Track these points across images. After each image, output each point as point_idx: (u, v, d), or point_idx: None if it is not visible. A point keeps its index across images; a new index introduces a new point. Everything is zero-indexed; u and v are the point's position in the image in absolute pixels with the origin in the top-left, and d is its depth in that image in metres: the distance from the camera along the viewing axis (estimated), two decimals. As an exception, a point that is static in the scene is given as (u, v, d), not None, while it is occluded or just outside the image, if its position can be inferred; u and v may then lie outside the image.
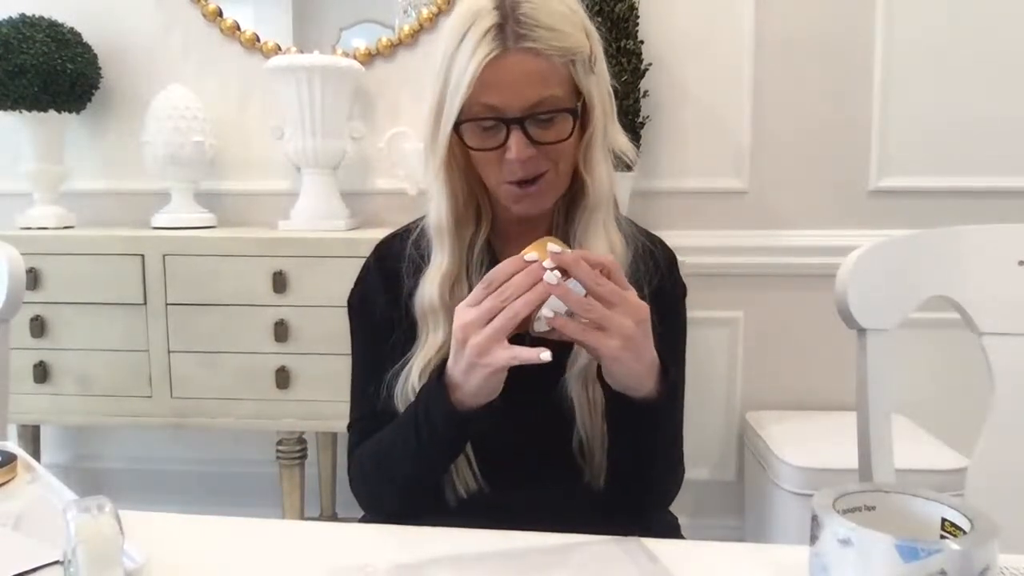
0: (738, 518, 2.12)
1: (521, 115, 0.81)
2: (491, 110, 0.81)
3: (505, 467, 0.88)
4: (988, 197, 1.98)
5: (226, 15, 2.12)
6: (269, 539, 0.77)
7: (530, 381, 0.80)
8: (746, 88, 2.02)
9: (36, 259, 1.80)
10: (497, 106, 0.81)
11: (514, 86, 0.80)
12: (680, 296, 0.99)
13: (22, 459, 0.87)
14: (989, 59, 1.97)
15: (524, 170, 0.83)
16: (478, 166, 0.87)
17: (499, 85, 0.80)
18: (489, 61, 0.79)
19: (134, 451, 2.30)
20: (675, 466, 0.94)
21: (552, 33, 0.80)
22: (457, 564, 0.69)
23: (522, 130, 0.81)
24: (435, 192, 0.88)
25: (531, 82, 0.80)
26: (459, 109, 0.81)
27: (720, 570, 0.71)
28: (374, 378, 0.92)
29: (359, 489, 0.94)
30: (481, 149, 0.84)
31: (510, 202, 0.87)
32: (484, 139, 0.84)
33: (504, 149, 0.82)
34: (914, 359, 1.91)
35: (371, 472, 0.91)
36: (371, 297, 0.95)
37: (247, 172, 2.15)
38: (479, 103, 0.81)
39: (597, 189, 0.88)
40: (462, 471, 0.89)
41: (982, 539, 0.52)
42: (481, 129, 0.83)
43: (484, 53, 0.78)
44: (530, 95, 0.80)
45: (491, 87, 0.80)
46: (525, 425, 0.88)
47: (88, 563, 0.58)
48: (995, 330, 0.97)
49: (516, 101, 0.81)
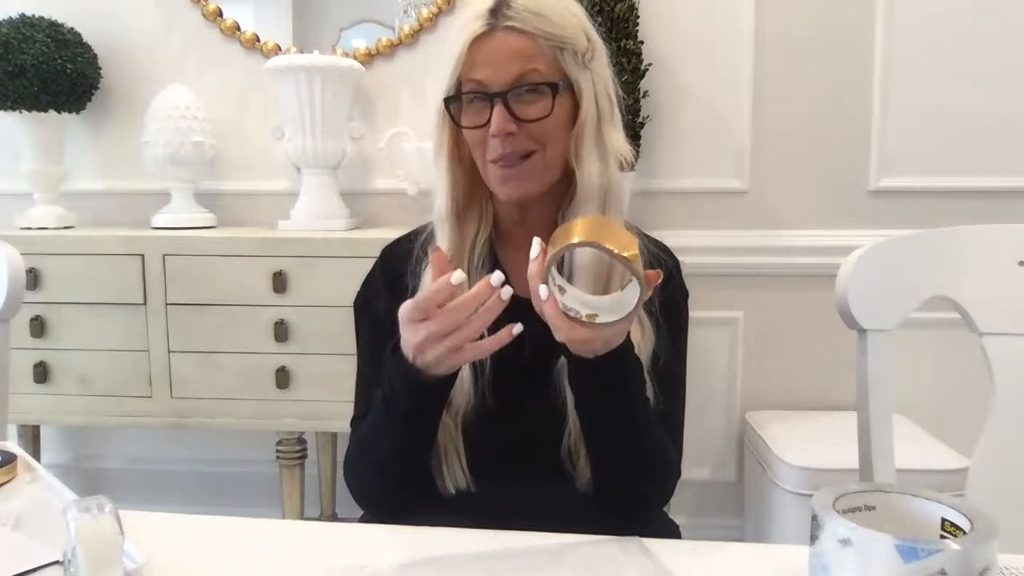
0: (738, 518, 2.12)
1: (504, 89, 0.85)
2: (478, 86, 0.86)
3: (497, 464, 0.88)
4: (988, 197, 1.98)
5: (226, 15, 2.12)
6: (269, 539, 0.77)
7: (524, 380, 0.81)
8: (746, 88, 2.02)
9: (36, 259, 1.80)
10: (483, 81, 0.85)
11: (497, 62, 0.85)
12: (683, 300, 1.00)
13: (22, 459, 0.87)
14: (989, 59, 1.97)
15: (504, 146, 0.86)
16: (472, 151, 0.90)
17: (484, 62, 0.85)
18: (476, 38, 0.85)
19: (134, 451, 2.30)
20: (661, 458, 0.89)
21: (538, 18, 0.85)
22: (457, 564, 0.69)
23: (504, 105, 0.85)
24: (438, 182, 0.92)
25: (514, 57, 0.85)
26: (449, 86, 0.87)
27: (720, 570, 0.71)
28: (374, 375, 0.92)
29: (349, 479, 0.94)
30: (468, 127, 0.88)
31: (496, 184, 0.89)
32: (472, 116, 0.87)
33: (489, 127, 0.85)
34: (914, 359, 1.91)
35: (358, 460, 0.92)
36: (375, 299, 0.96)
37: (247, 172, 2.15)
38: (469, 80, 0.86)
39: (585, 182, 0.88)
40: (453, 468, 0.89)
41: (982, 539, 0.52)
42: (469, 105, 0.87)
43: (472, 31, 0.85)
44: (512, 70, 0.85)
45: (477, 64, 0.85)
46: (518, 423, 0.88)
47: (88, 563, 0.58)
48: (995, 330, 0.98)
49: (499, 76, 0.85)
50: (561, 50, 0.86)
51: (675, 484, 0.93)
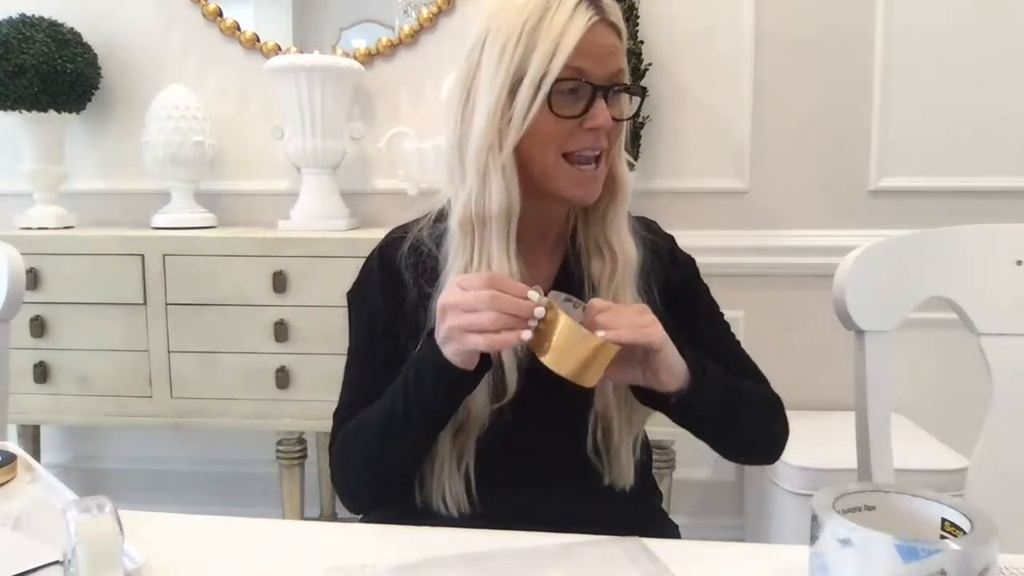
0: (738, 518, 2.12)
1: (607, 83, 0.83)
2: (578, 74, 0.81)
3: (506, 482, 0.87)
4: (987, 197, 1.98)
5: (226, 15, 2.12)
6: (269, 539, 0.77)
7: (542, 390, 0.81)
8: (746, 88, 2.02)
9: (36, 259, 1.80)
10: (586, 71, 0.81)
11: (603, 54, 0.82)
12: (691, 266, 1.00)
13: (22, 459, 0.87)
14: (989, 59, 1.97)
15: (602, 142, 0.84)
16: (539, 143, 0.84)
17: (591, 51, 0.81)
18: (590, 26, 0.80)
19: (134, 451, 2.30)
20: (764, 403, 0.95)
21: (618, 15, 0.85)
22: (457, 564, 0.69)
23: (605, 100, 0.83)
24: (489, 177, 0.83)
25: (615, 53, 0.84)
26: (545, 70, 0.80)
27: (720, 570, 0.71)
28: (365, 371, 0.93)
29: (336, 467, 0.93)
30: (567, 116, 0.82)
31: (571, 184, 0.85)
32: (568, 106, 0.83)
33: (579, 120, 0.83)
34: (914, 359, 1.91)
35: (352, 446, 0.90)
36: (370, 292, 0.94)
37: (247, 172, 2.15)
38: (569, 66, 0.80)
39: (625, 184, 0.89)
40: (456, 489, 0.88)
41: (982, 539, 0.52)
42: (562, 93, 0.82)
43: (586, 18, 0.80)
44: (612, 65, 0.83)
45: (583, 52, 0.80)
46: (537, 433, 0.88)
47: (88, 563, 0.58)
48: (993, 330, 0.97)
49: (603, 69, 0.82)
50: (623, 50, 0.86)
51: (783, 410, 0.97)
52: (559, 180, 0.85)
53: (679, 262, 0.98)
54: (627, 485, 0.91)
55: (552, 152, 0.84)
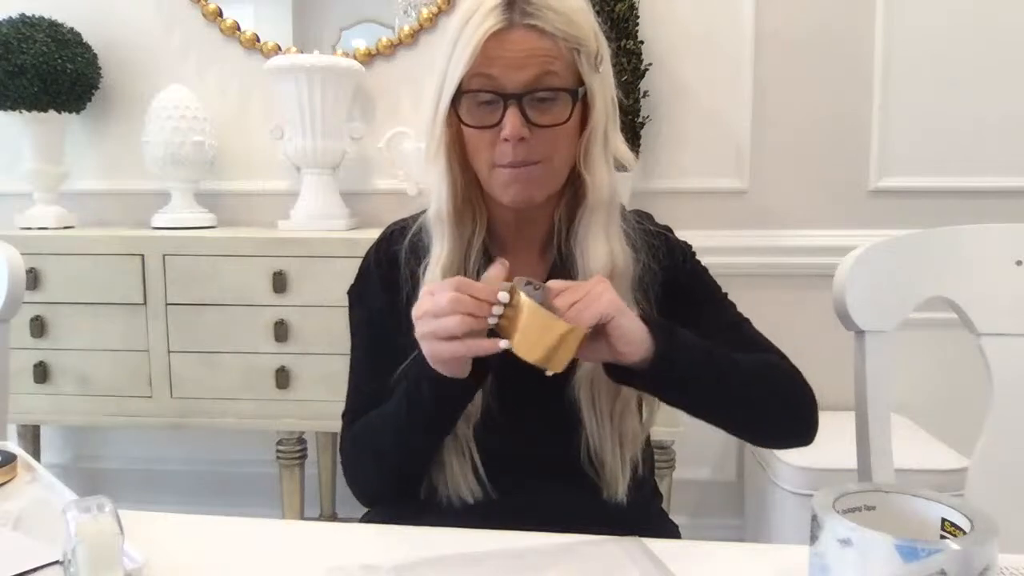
0: (738, 518, 2.12)
1: (520, 91, 0.80)
2: (490, 83, 0.80)
3: (509, 473, 0.88)
4: (987, 197, 1.98)
5: (226, 15, 2.12)
6: (269, 539, 0.77)
7: (533, 388, 0.80)
8: (746, 88, 2.02)
9: (36, 259, 1.80)
10: (497, 78, 0.80)
11: (515, 61, 0.80)
12: (688, 252, 0.99)
13: (22, 459, 0.87)
14: (989, 59, 1.97)
15: (515, 153, 0.81)
16: (471, 151, 0.85)
17: (500, 59, 0.79)
18: (493, 33, 0.79)
19: (134, 451, 2.30)
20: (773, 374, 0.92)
21: (559, 16, 0.80)
22: (457, 564, 0.69)
23: (519, 108, 0.80)
24: (435, 180, 0.87)
25: (533, 59, 0.80)
26: (459, 80, 0.80)
27: (720, 570, 0.71)
28: (370, 369, 0.93)
29: (348, 464, 0.93)
30: (477, 126, 0.82)
31: (499, 188, 0.85)
32: (480, 116, 0.82)
33: (499, 129, 0.81)
34: (914, 359, 1.91)
35: (364, 446, 0.91)
36: (370, 287, 0.95)
37: (247, 172, 2.15)
38: (480, 74, 0.80)
39: (597, 189, 0.86)
40: (467, 477, 0.88)
41: (982, 539, 0.52)
42: (477, 104, 0.82)
43: (489, 25, 0.79)
44: (530, 72, 0.80)
45: (492, 60, 0.79)
46: (529, 432, 0.88)
47: (88, 563, 0.58)
48: (993, 330, 0.97)
49: (516, 76, 0.80)
50: (578, 52, 0.82)
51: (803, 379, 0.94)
52: (492, 186, 0.86)
53: (675, 251, 0.97)
54: (619, 499, 0.89)
55: (482, 161, 0.85)
